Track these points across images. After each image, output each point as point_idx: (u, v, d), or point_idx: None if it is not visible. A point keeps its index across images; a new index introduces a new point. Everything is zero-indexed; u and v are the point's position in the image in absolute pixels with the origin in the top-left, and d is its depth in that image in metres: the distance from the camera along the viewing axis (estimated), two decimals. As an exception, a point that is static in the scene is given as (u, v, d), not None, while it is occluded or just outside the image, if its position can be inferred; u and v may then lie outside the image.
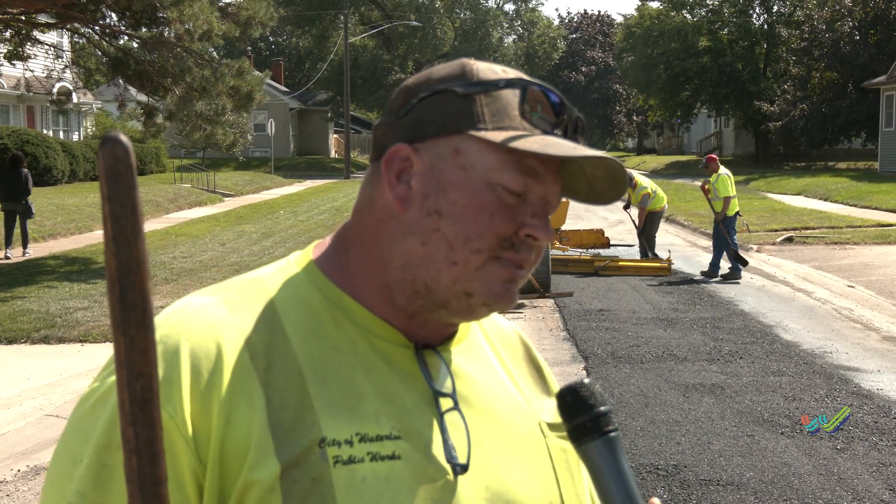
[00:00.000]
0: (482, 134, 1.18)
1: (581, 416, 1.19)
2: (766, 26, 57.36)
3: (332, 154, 68.26)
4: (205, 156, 48.58)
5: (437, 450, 1.19)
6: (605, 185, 1.25)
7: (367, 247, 1.25)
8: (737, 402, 8.30)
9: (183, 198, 31.39)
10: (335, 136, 69.95)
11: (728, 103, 56.35)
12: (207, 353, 1.15)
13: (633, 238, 18.33)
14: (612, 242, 18.21)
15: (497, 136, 1.17)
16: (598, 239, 18.40)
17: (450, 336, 1.29)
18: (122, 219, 0.88)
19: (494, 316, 1.36)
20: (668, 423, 7.71)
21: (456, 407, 1.22)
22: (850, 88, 44.81)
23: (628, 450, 7.02)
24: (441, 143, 1.20)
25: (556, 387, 1.40)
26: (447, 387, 1.24)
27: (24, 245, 18.28)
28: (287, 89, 66.18)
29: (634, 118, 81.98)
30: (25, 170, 18.11)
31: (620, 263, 16.66)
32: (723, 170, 16.05)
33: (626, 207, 18.35)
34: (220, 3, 16.16)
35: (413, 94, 1.23)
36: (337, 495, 1.11)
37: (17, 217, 18.07)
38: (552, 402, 1.33)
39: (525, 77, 1.23)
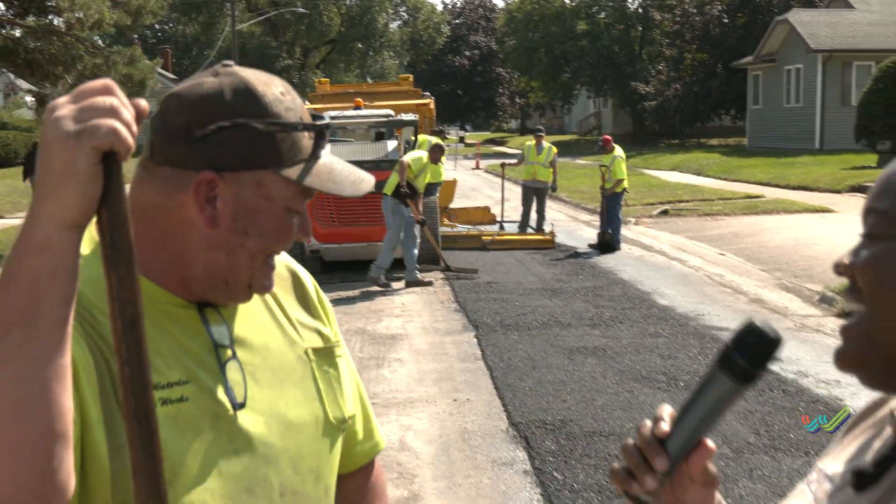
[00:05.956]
0: (285, 172, 1.39)
1: (744, 360, 1.15)
2: (640, 10, 58.34)
3: (222, 140, 67.41)
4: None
5: (220, 391, 1.43)
6: (348, 188, 1.47)
7: (163, 246, 1.42)
8: (617, 362, 8.69)
9: (74, 185, 30.83)
10: (224, 122, 69.08)
11: (606, 84, 57.23)
12: None
13: (517, 215, 18.65)
14: (497, 219, 18.52)
15: (293, 172, 1.40)
16: (484, 216, 18.72)
17: None
18: (111, 178, 1.12)
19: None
20: (555, 383, 8.05)
21: (234, 355, 1.47)
22: (719, 69, 46.00)
23: (518, 409, 7.34)
24: (245, 174, 1.38)
25: (317, 293, 1.66)
26: (226, 337, 1.47)
27: None
28: (175, 76, 65.05)
29: (517, 100, 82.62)
30: None
31: (507, 238, 17.00)
32: (618, 151, 16.64)
33: (519, 161, 18.80)
34: (111, -7, 15.95)
35: (207, 117, 1.36)
36: None
37: None
38: (315, 323, 1.61)
39: (305, 117, 1.44)
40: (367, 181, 1.49)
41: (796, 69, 36.85)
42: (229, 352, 1.46)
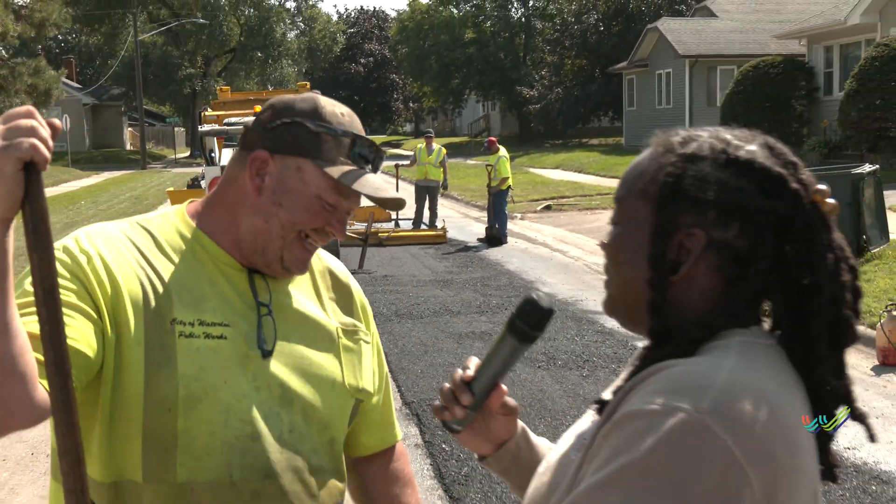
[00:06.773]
0: (322, 166, 1.69)
1: (524, 325, 1.41)
2: (523, 19, 59.15)
3: (128, 146, 66.22)
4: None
5: (253, 339, 1.71)
6: (370, 191, 1.76)
7: (227, 211, 1.76)
8: (502, 345, 8.96)
9: (-18, 193, 30.05)
10: (130, 129, 67.89)
11: (493, 89, 57.83)
12: (111, 244, 1.66)
13: (411, 212, 18.86)
14: (392, 217, 18.69)
15: (331, 169, 1.69)
16: (380, 213, 18.85)
17: None
18: (32, 182, 1.35)
19: (321, 254, 1.92)
20: (445, 365, 8.31)
21: (269, 313, 1.75)
22: (597, 73, 46.78)
23: (410, 389, 7.59)
24: (290, 159, 1.70)
25: (360, 301, 1.95)
26: (267, 301, 1.76)
27: None
28: (79, 86, 63.67)
29: (411, 105, 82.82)
30: None
31: (402, 234, 17.23)
32: (502, 152, 17.03)
33: (412, 163, 19.20)
34: (14, 6, 15.68)
35: (279, 115, 1.72)
36: (178, 356, 1.63)
37: None
38: (351, 317, 1.89)
39: (354, 131, 1.75)
40: (388, 191, 1.76)
41: (666, 73, 37.78)
42: (266, 309, 1.73)
